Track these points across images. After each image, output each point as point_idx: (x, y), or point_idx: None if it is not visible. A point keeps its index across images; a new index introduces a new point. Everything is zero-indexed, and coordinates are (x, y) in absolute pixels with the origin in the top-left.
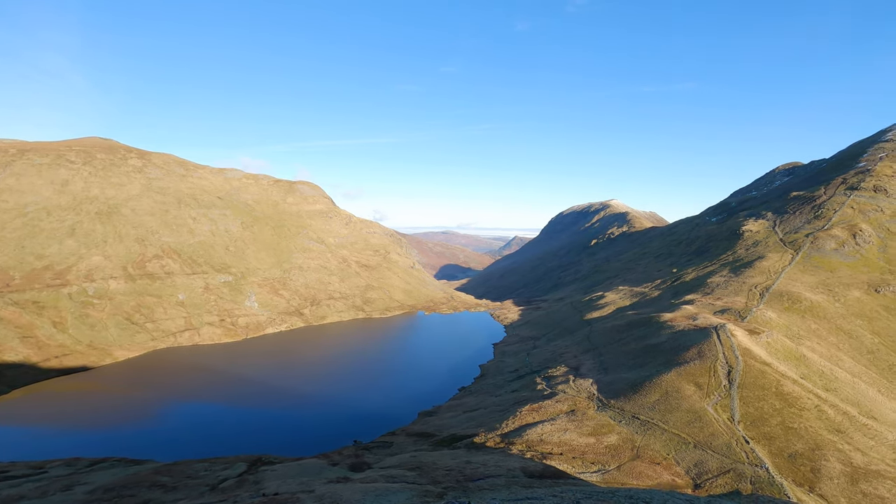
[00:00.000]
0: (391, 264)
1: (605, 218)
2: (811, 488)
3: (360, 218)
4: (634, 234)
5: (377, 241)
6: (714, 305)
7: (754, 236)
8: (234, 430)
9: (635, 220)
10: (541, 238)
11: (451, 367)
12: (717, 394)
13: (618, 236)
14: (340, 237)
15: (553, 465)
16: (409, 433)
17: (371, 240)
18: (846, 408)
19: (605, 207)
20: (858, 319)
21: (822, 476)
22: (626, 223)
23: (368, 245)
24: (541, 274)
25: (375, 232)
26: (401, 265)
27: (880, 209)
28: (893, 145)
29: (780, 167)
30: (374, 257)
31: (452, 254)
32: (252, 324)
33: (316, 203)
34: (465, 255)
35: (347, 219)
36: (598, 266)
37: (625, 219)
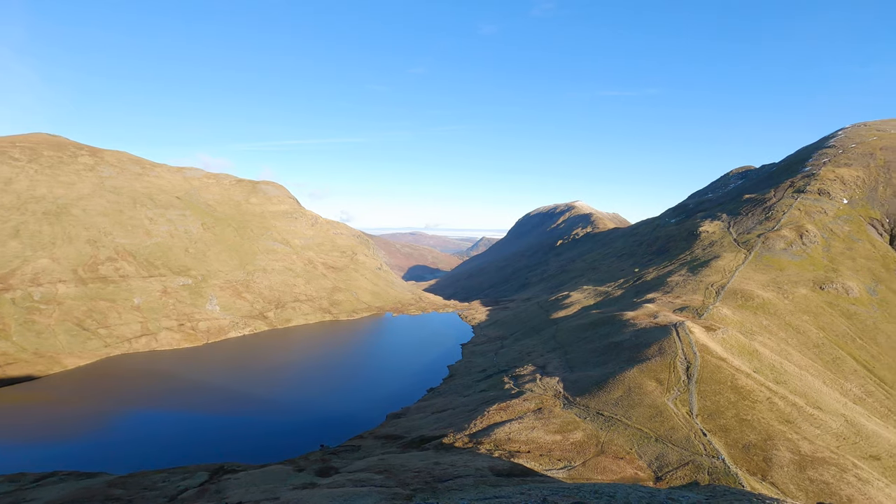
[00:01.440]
0: (358, 266)
1: (570, 219)
2: (763, 477)
3: (326, 219)
4: (598, 234)
5: (344, 243)
6: (674, 303)
7: (710, 237)
8: (195, 439)
9: (599, 221)
10: (508, 239)
11: (419, 368)
12: (676, 389)
13: (583, 237)
14: (306, 238)
15: (521, 463)
16: (378, 436)
17: (338, 241)
18: (795, 399)
19: (570, 208)
20: (805, 315)
21: (774, 465)
22: (591, 224)
23: (335, 246)
24: (508, 274)
25: (342, 233)
26: (368, 266)
27: (824, 211)
28: (835, 151)
29: (734, 170)
30: (340, 259)
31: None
32: (213, 328)
33: (280, 203)
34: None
35: (313, 220)
36: (564, 266)
37: (589, 220)
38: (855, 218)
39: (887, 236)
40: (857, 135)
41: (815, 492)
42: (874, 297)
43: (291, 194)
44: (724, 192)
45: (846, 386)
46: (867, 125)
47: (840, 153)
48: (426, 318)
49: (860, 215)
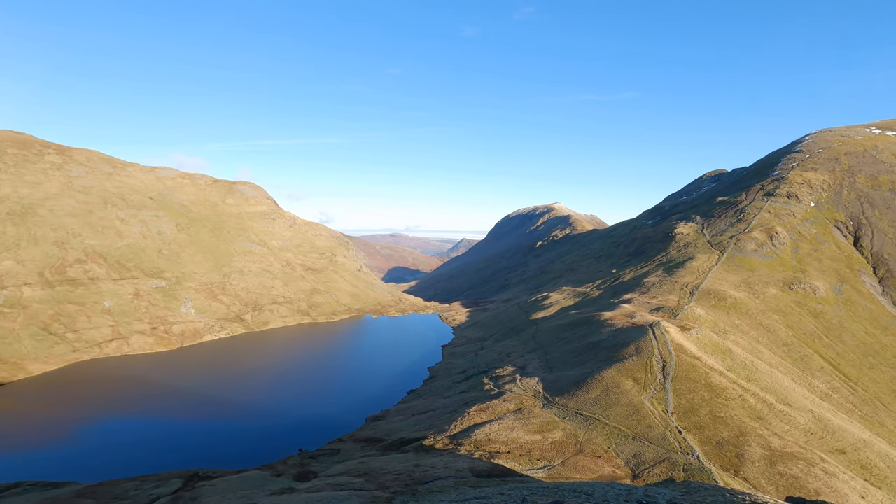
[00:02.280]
0: (338, 267)
1: (549, 221)
2: (736, 472)
3: (305, 220)
4: (577, 236)
5: (323, 244)
6: (650, 304)
7: (685, 238)
8: (169, 446)
9: (577, 222)
10: (488, 240)
11: (399, 370)
12: (653, 387)
13: (561, 238)
14: (284, 240)
15: (501, 463)
16: (357, 439)
17: (317, 242)
18: (765, 396)
19: (549, 210)
20: (775, 314)
21: (746, 460)
22: (569, 226)
23: (314, 248)
24: (488, 275)
25: (321, 234)
26: (348, 268)
27: (793, 213)
28: (803, 156)
29: (707, 174)
30: (319, 260)
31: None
32: (188, 331)
33: (258, 204)
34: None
35: (292, 221)
36: (544, 267)
37: (568, 221)
38: (821, 220)
39: (851, 238)
40: (823, 140)
41: (785, 486)
42: (839, 296)
43: (269, 195)
44: (698, 195)
45: (813, 383)
46: (833, 131)
47: (807, 158)
48: (406, 320)
49: (826, 218)
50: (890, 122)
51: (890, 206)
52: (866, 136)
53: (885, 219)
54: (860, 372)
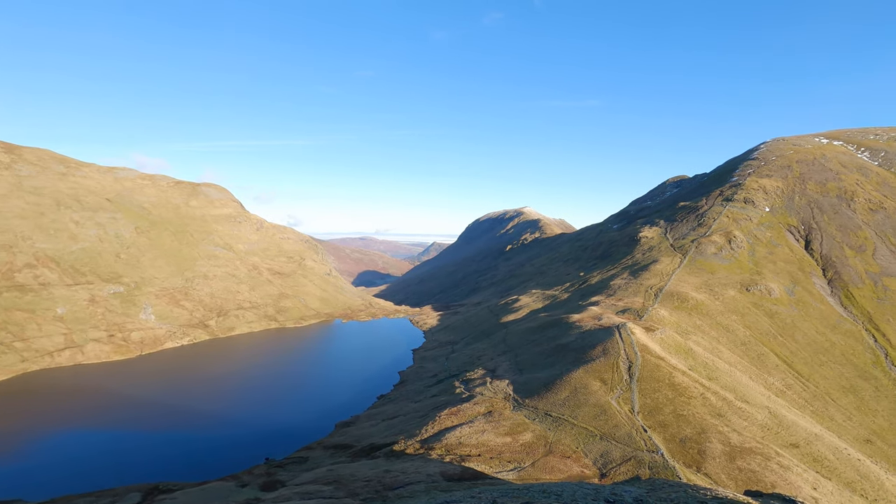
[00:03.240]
0: (306, 271)
1: (519, 224)
2: (698, 468)
3: (272, 223)
4: (546, 239)
5: (291, 248)
6: (616, 306)
7: (650, 242)
8: (128, 459)
9: (547, 226)
10: (459, 244)
11: (370, 375)
12: (619, 388)
13: (531, 242)
14: (251, 243)
15: (472, 466)
16: (326, 446)
17: (284, 246)
18: (725, 394)
19: (518, 214)
20: (733, 315)
21: (707, 456)
22: (539, 229)
23: (282, 251)
24: (459, 279)
25: (289, 238)
26: (317, 272)
27: (749, 218)
28: (758, 163)
29: (670, 179)
30: (287, 264)
31: (371, 260)
32: (148, 338)
33: (223, 207)
34: (384, 261)
35: (259, 224)
36: (514, 270)
37: (537, 225)
38: (775, 225)
39: (803, 241)
40: (777, 148)
41: (744, 480)
42: (792, 297)
43: (235, 197)
44: (662, 200)
45: (769, 380)
46: (785, 140)
47: (762, 165)
48: (376, 324)
49: (780, 222)
50: (836, 133)
51: (837, 211)
52: (815, 146)
53: (832, 223)
54: (811, 369)
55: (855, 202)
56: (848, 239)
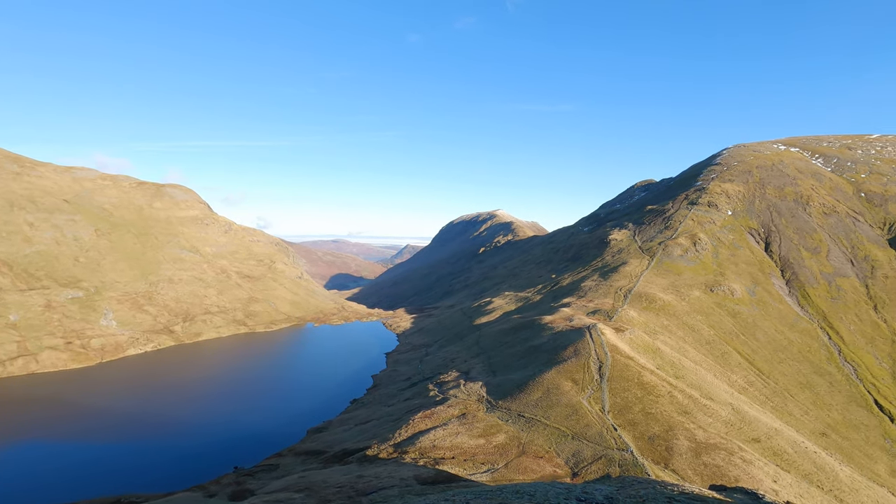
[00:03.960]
0: (277, 274)
1: (492, 227)
2: (666, 465)
3: (241, 225)
4: (519, 242)
5: (261, 250)
6: (587, 307)
7: (619, 244)
8: (88, 471)
9: (519, 229)
10: (432, 246)
11: (342, 379)
12: (590, 387)
13: (504, 244)
14: (219, 246)
15: (446, 469)
16: (298, 452)
17: (254, 248)
18: (691, 392)
19: (492, 217)
20: (699, 315)
21: (674, 453)
22: (512, 232)
23: (251, 254)
24: (432, 281)
25: (259, 240)
26: (288, 275)
27: (713, 221)
28: (721, 168)
29: (638, 183)
30: (257, 267)
31: (343, 263)
32: (109, 345)
33: (190, 209)
34: (357, 263)
35: (227, 226)
36: (487, 273)
37: (510, 228)
38: (737, 228)
39: (763, 243)
40: (738, 154)
41: (709, 475)
42: (753, 297)
43: (202, 199)
44: (630, 203)
45: (732, 377)
46: (746, 146)
47: (725, 170)
48: (349, 328)
49: (741, 225)
50: (792, 140)
51: (794, 214)
52: (774, 152)
53: (790, 226)
54: (771, 366)
55: (810, 206)
56: (804, 241)
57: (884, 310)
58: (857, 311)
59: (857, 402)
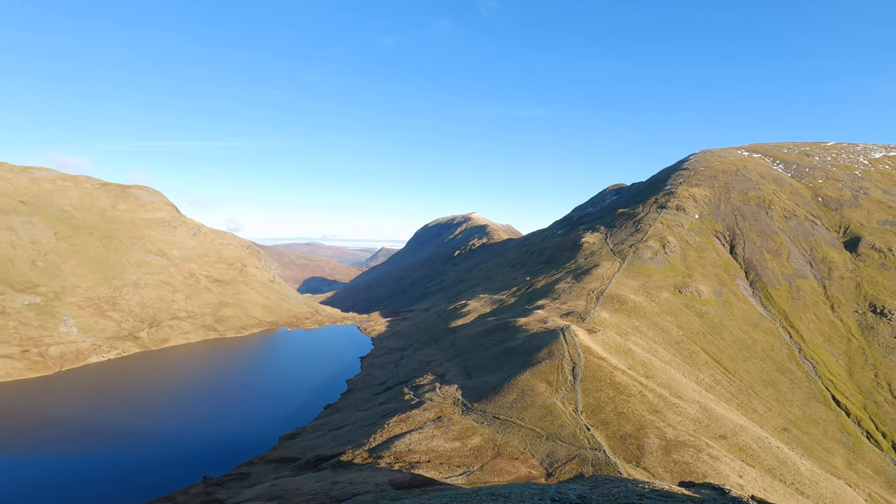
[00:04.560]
0: (248, 278)
1: (467, 230)
2: (637, 463)
3: (211, 228)
4: (493, 245)
5: (232, 254)
6: (561, 309)
7: (591, 247)
8: (48, 485)
9: (494, 232)
10: (407, 249)
11: (316, 384)
12: (564, 388)
13: (479, 247)
14: (187, 249)
15: (421, 473)
16: (269, 460)
17: (224, 252)
18: (661, 391)
19: (466, 220)
20: (668, 316)
21: (646, 451)
22: (486, 235)
23: (221, 258)
24: (408, 285)
25: (230, 243)
26: (259, 279)
27: (681, 224)
28: (689, 173)
29: (610, 187)
30: (228, 271)
31: (317, 266)
32: (69, 353)
33: (156, 211)
34: (331, 267)
35: (196, 229)
36: (462, 276)
37: (485, 231)
38: (704, 231)
39: (728, 246)
40: (704, 159)
41: (678, 472)
42: (719, 298)
43: (169, 201)
44: (602, 207)
45: (700, 376)
46: (712, 152)
47: (692, 175)
48: (323, 332)
49: (708, 228)
50: (755, 146)
51: (757, 218)
52: (738, 157)
53: (753, 230)
54: (737, 364)
55: (772, 210)
56: (766, 244)
57: (840, 309)
58: (816, 311)
59: (815, 398)
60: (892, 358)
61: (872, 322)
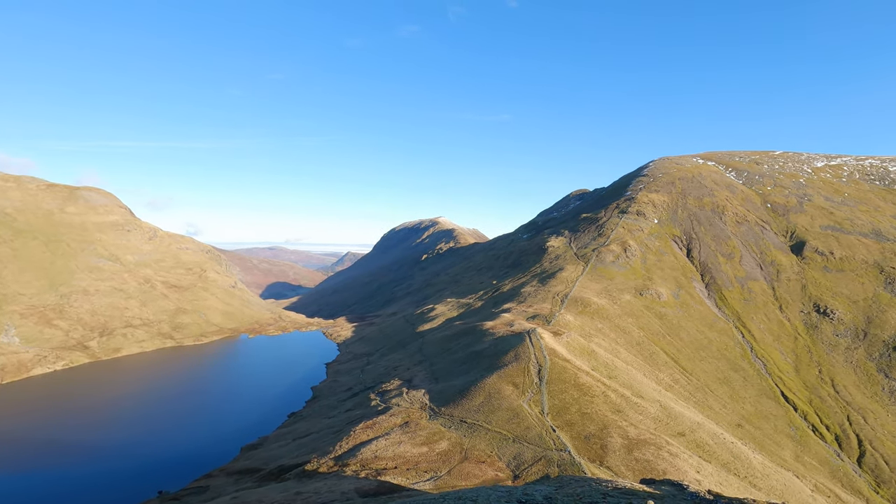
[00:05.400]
0: (208, 284)
1: (434, 234)
2: (601, 462)
3: (168, 232)
4: (460, 249)
5: (190, 259)
6: (527, 312)
7: (556, 251)
8: None
9: (461, 236)
10: (374, 253)
11: (279, 392)
12: (530, 391)
13: (446, 251)
14: (142, 254)
15: (388, 480)
16: (230, 472)
17: (183, 257)
18: (623, 391)
19: (434, 224)
20: (629, 318)
21: (609, 450)
22: (453, 239)
23: (179, 263)
24: (374, 289)
25: (188, 248)
26: (220, 284)
27: (641, 229)
28: (648, 179)
29: (573, 192)
30: (186, 276)
31: (281, 271)
32: (10, 364)
33: (109, 214)
34: (296, 272)
35: (152, 233)
36: (429, 280)
37: (452, 235)
38: (662, 235)
39: (685, 250)
40: (663, 166)
41: (640, 469)
42: (677, 300)
43: (122, 203)
44: (566, 212)
45: (660, 376)
46: (670, 159)
47: (651, 181)
48: (287, 339)
49: (666, 233)
50: (709, 154)
51: (712, 223)
52: (694, 165)
53: (708, 234)
54: (693, 364)
55: (725, 215)
56: (720, 247)
57: (787, 309)
58: (766, 311)
59: (766, 395)
60: (835, 355)
61: (816, 321)
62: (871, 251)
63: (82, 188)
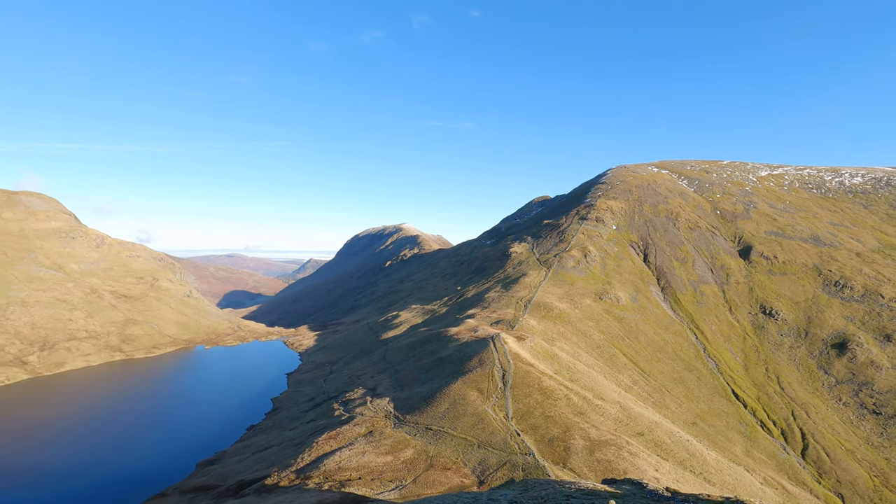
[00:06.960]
0: (161, 293)
1: (398, 240)
2: (564, 464)
3: (117, 239)
4: (425, 255)
5: (141, 267)
6: (491, 317)
7: (519, 257)
8: None
9: (425, 242)
10: (337, 260)
11: (238, 405)
12: (495, 396)
13: (410, 258)
14: (89, 263)
15: (352, 491)
16: (185, 490)
17: (133, 265)
18: (585, 393)
19: (398, 230)
20: (590, 322)
21: (572, 452)
22: (418, 245)
23: (129, 271)
24: (337, 296)
25: (139, 256)
26: (174, 294)
27: (600, 235)
28: (606, 187)
29: (536, 199)
30: (137, 286)
31: (239, 279)
32: None
33: (51, 220)
34: (255, 279)
35: (99, 240)
36: (394, 286)
37: (416, 241)
38: (621, 241)
39: (642, 255)
40: (620, 174)
41: (602, 470)
42: (635, 303)
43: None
44: (529, 218)
45: (620, 378)
46: (627, 167)
47: (609, 189)
48: (246, 349)
49: (624, 238)
50: (663, 163)
51: (667, 229)
52: (649, 173)
53: (663, 240)
54: (651, 365)
55: (679, 222)
56: (675, 253)
57: (736, 311)
58: (717, 313)
59: (719, 393)
60: (780, 354)
61: (763, 322)
62: (810, 255)
63: (21, 192)
